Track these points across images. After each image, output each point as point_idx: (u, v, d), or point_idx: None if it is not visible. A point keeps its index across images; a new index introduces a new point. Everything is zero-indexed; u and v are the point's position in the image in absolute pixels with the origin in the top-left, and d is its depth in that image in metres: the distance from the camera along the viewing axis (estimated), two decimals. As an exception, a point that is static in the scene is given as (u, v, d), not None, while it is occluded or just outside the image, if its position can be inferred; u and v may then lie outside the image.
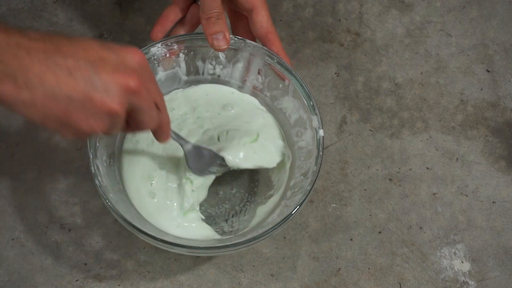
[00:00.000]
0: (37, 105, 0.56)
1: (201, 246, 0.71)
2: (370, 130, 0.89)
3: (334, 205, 0.84)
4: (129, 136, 0.80)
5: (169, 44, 0.80)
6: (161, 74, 0.81)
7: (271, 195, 0.80)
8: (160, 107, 0.65)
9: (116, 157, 0.79)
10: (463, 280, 0.81)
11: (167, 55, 0.80)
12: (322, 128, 0.76)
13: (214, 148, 0.77)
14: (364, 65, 0.93)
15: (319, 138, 0.75)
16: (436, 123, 0.89)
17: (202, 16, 0.77)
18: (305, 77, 0.91)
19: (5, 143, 0.85)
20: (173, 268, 0.81)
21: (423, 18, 0.96)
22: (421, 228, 0.84)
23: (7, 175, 0.84)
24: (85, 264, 0.80)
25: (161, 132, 0.68)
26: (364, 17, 0.96)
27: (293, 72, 0.78)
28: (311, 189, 0.73)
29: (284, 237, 0.83)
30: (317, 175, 0.74)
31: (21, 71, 0.55)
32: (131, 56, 0.60)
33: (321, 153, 0.74)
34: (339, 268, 0.81)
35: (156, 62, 0.80)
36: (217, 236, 0.77)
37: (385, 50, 0.94)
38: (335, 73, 0.92)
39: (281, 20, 0.95)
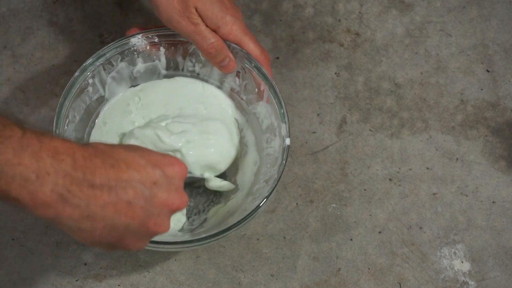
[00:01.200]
0: (94, 234, 0.57)
1: (166, 241, 0.71)
2: (370, 130, 0.89)
3: (334, 205, 0.84)
4: (98, 124, 0.81)
5: (150, 36, 0.80)
6: (140, 66, 0.82)
7: (233, 198, 0.80)
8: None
9: (84, 142, 0.79)
10: (463, 280, 0.81)
11: (148, 47, 0.81)
12: (289, 137, 0.76)
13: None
14: (364, 65, 0.93)
15: (285, 147, 0.75)
16: (436, 123, 0.89)
17: (202, 52, 0.78)
18: (305, 77, 0.91)
19: (5, 143, 0.85)
20: (173, 268, 0.81)
21: (423, 18, 0.96)
22: (421, 228, 0.84)
23: (7, 175, 0.84)
24: (85, 264, 0.80)
25: None
26: (364, 17, 0.96)
27: (269, 78, 0.78)
28: (269, 195, 0.73)
29: (284, 237, 0.83)
30: (277, 183, 0.73)
31: (85, 203, 0.55)
32: (176, 171, 0.61)
33: (284, 161, 0.74)
34: (339, 268, 0.81)
35: (136, 53, 0.80)
36: (176, 232, 0.78)
37: (385, 50, 0.94)
38: (335, 73, 0.92)
39: (281, 20, 0.95)
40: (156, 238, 0.72)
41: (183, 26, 0.76)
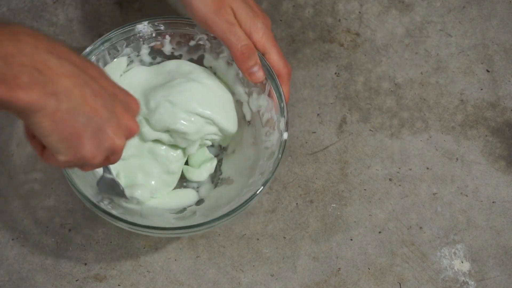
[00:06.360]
0: (55, 117, 0.55)
1: (156, 226, 0.72)
2: (370, 130, 0.89)
3: (334, 205, 0.84)
4: None
5: (156, 24, 0.80)
6: (144, 52, 0.82)
7: (224, 187, 0.82)
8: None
9: None
10: (463, 280, 0.81)
11: (153, 35, 0.81)
12: (287, 131, 0.76)
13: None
14: (364, 65, 0.93)
15: (282, 141, 0.75)
16: (436, 123, 0.89)
17: (234, 53, 0.77)
18: (305, 77, 0.91)
19: (6, 143, 0.85)
20: (173, 268, 0.81)
21: (423, 18, 0.96)
22: (421, 228, 0.84)
23: (7, 175, 0.84)
24: (85, 264, 0.80)
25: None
26: (364, 17, 0.96)
27: (271, 71, 0.78)
28: (262, 188, 0.73)
29: (284, 237, 0.83)
30: (272, 176, 0.74)
31: (52, 81, 0.54)
32: (133, 102, 0.62)
33: (280, 155, 0.74)
34: (339, 268, 0.81)
35: (141, 39, 0.81)
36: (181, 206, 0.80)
37: (385, 50, 0.94)
38: (335, 73, 0.92)
39: (281, 20, 0.95)
40: (155, 224, 0.73)
41: (218, 25, 0.75)
